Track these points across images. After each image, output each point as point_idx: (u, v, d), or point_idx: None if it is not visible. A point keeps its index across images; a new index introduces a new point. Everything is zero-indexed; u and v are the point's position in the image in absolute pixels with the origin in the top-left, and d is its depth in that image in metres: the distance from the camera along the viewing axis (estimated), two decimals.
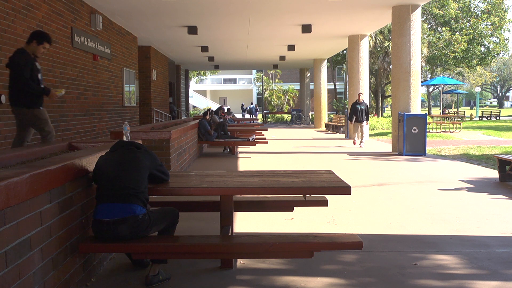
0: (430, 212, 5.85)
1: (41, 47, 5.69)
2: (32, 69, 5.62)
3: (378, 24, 15.76)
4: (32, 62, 5.64)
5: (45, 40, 5.70)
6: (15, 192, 2.46)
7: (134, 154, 3.51)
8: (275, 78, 48.90)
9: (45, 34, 5.77)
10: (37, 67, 5.75)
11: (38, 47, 5.68)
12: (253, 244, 3.45)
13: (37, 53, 5.72)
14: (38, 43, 5.66)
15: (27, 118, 5.83)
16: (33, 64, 5.66)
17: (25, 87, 5.58)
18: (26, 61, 5.58)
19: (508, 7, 34.64)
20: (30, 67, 5.60)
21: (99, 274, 3.78)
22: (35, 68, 5.69)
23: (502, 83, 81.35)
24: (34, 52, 5.72)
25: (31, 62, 5.63)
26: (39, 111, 5.83)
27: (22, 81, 5.56)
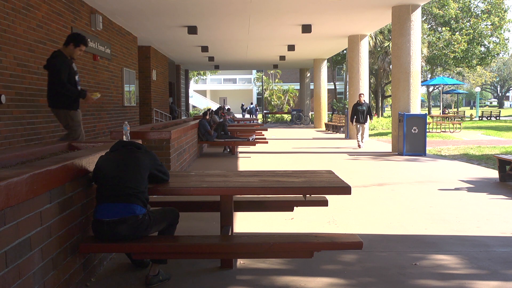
0: (430, 212, 5.85)
1: (78, 49, 5.73)
2: (69, 72, 5.67)
3: (378, 24, 15.76)
4: (69, 64, 5.69)
5: (82, 43, 5.74)
6: (15, 192, 2.46)
7: (134, 154, 3.51)
8: (275, 78, 48.90)
9: (82, 37, 5.81)
10: (74, 69, 5.81)
11: (75, 50, 5.73)
12: (253, 244, 3.45)
13: (74, 55, 5.77)
14: (75, 45, 5.70)
15: (62, 119, 5.90)
16: (70, 67, 5.71)
17: (62, 89, 5.64)
18: (63, 63, 5.64)
19: (508, 7, 34.62)
20: (68, 69, 5.65)
21: (99, 274, 3.78)
22: (72, 71, 5.74)
23: (502, 83, 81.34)
24: (71, 55, 5.77)
25: (68, 65, 5.67)
26: (74, 112, 5.86)
27: (59, 83, 5.62)
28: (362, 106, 14.07)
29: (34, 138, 8.05)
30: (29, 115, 7.89)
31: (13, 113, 7.36)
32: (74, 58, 5.84)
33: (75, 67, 5.85)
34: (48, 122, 8.67)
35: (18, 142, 7.48)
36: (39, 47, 8.24)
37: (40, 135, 8.25)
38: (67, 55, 5.74)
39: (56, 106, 5.79)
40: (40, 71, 8.32)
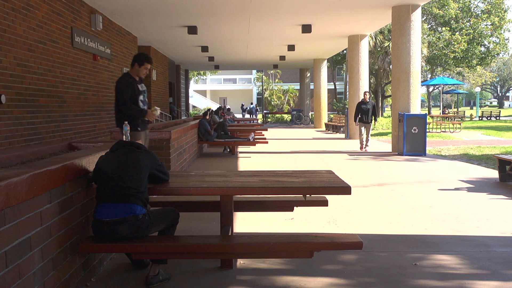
0: (430, 212, 5.85)
1: (143, 68, 5.80)
2: (132, 91, 5.76)
3: (378, 24, 15.76)
4: (133, 84, 5.78)
5: (145, 61, 5.81)
6: (15, 192, 2.46)
7: (134, 154, 3.51)
8: (275, 78, 48.88)
9: (144, 55, 5.89)
10: (140, 89, 5.87)
11: (140, 69, 5.81)
12: (253, 244, 3.45)
13: (140, 74, 5.85)
14: (139, 65, 5.80)
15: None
16: (134, 86, 5.79)
17: (124, 108, 5.73)
18: (126, 83, 5.77)
19: (508, 7, 34.62)
20: (131, 89, 5.75)
21: (99, 274, 3.78)
22: (137, 90, 5.81)
23: (502, 83, 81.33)
24: (138, 74, 5.86)
25: (132, 85, 5.77)
26: (134, 133, 5.76)
27: (121, 102, 5.75)
28: (366, 105, 13.25)
29: (34, 138, 8.05)
30: (29, 115, 7.89)
31: (13, 113, 7.36)
32: (142, 78, 5.93)
33: (141, 87, 5.93)
34: (48, 122, 8.67)
35: (18, 142, 7.48)
36: (39, 47, 8.24)
37: (40, 135, 8.25)
38: (134, 76, 5.85)
39: (118, 125, 5.89)
40: (40, 71, 8.32)
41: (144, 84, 6.08)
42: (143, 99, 5.93)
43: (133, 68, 5.87)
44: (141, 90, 5.92)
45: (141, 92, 5.90)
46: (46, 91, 8.60)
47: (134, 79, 5.86)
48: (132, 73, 5.88)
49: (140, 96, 5.87)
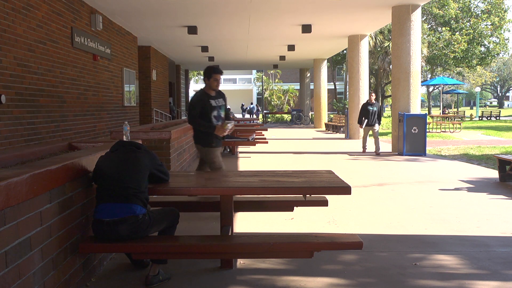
0: (430, 212, 5.85)
1: (213, 80, 5.61)
2: (203, 107, 5.59)
3: (378, 24, 15.76)
4: (203, 100, 5.60)
5: (213, 72, 5.62)
6: (15, 192, 2.46)
7: (134, 154, 3.51)
8: (275, 78, 48.88)
9: (211, 68, 5.67)
10: (213, 104, 5.66)
11: (210, 82, 5.63)
12: (253, 244, 3.45)
13: (213, 87, 5.65)
14: (208, 78, 5.63)
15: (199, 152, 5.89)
16: (206, 102, 5.61)
17: (192, 123, 5.66)
18: (196, 99, 5.64)
19: (508, 7, 34.63)
20: (200, 105, 5.59)
21: (99, 274, 3.78)
22: (208, 106, 5.62)
23: (502, 83, 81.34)
24: (211, 87, 5.67)
25: (202, 101, 5.60)
26: (207, 150, 5.72)
27: (189, 118, 5.68)
28: (372, 106, 12.38)
29: (34, 138, 8.05)
30: (29, 115, 7.89)
31: (13, 113, 7.36)
32: (214, 90, 5.70)
33: (216, 103, 5.70)
34: (48, 122, 8.67)
35: (18, 142, 7.48)
36: (39, 47, 8.24)
37: (40, 135, 8.26)
38: (208, 91, 5.67)
39: (194, 140, 5.84)
40: (40, 71, 8.32)
41: (223, 99, 5.82)
42: (217, 115, 5.68)
43: (206, 83, 5.69)
44: (215, 105, 5.67)
45: (214, 108, 5.66)
46: (46, 91, 8.60)
47: (208, 94, 5.65)
48: (206, 89, 5.69)
49: (213, 112, 5.64)
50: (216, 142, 5.71)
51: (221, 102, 5.78)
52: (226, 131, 5.62)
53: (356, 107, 17.31)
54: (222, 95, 5.85)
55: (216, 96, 5.75)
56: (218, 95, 5.78)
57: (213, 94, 5.71)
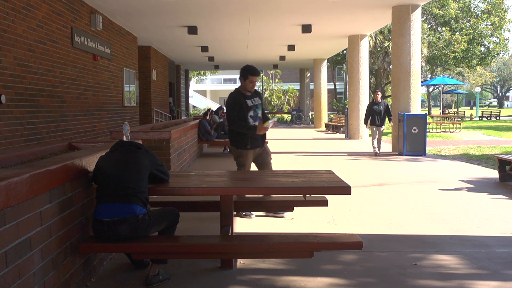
0: (430, 212, 5.85)
1: (248, 81, 5.47)
2: (240, 108, 5.45)
3: (378, 24, 15.76)
4: (240, 100, 5.47)
5: (248, 73, 5.47)
6: (15, 192, 2.46)
7: (134, 154, 3.51)
8: (275, 78, 48.88)
9: (247, 69, 5.51)
10: (250, 104, 5.51)
11: (246, 83, 5.49)
12: (253, 244, 3.45)
13: (248, 88, 5.52)
14: (244, 78, 5.49)
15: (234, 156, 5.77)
16: (242, 103, 5.46)
17: (232, 126, 5.54)
18: (233, 100, 5.52)
19: (508, 7, 34.63)
20: (238, 106, 5.46)
21: (99, 274, 3.78)
22: (245, 106, 5.46)
23: (502, 83, 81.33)
24: (246, 88, 5.54)
25: (238, 101, 5.47)
26: (240, 151, 5.59)
27: (229, 121, 5.57)
28: (378, 106, 11.85)
29: (34, 138, 8.05)
30: (29, 115, 7.89)
31: (13, 113, 7.36)
32: (250, 91, 5.55)
33: (253, 102, 5.54)
34: (48, 122, 8.67)
35: (18, 142, 7.48)
36: (39, 47, 8.24)
37: (40, 135, 8.25)
38: (243, 91, 5.55)
39: (230, 142, 5.74)
40: (40, 71, 8.32)
41: (259, 98, 5.67)
42: (254, 115, 5.53)
43: (241, 84, 5.57)
44: (251, 105, 5.52)
45: (251, 108, 5.51)
46: (46, 91, 8.60)
47: (243, 94, 5.52)
48: (241, 89, 5.56)
49: (250, 112, 5.49)
50: (252, 143, 5.52)
51: (257, 101, 5.62)
52: (266, 129, 5.44)
53: (356, 107, 17.33)
54: (258, 94, 5.69)
55: (252, 95, 5.59)
56: (254, 94, 5.63)
57: (249, 94, 5.56)
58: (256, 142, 5.57)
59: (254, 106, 5.56)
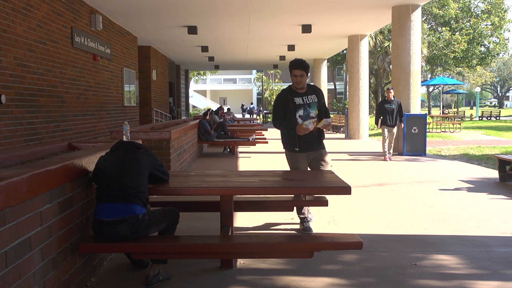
0: (430, 212, 5.85)
1: (293, 76, 4.93)
2: (285, 106, 4.96)
3: (378, 24, 15.76)
4: (286, 98, 4.97)
5: (290, 67, 4.96)
6: (15, 192, 2.46)
7: (134, 154, 3.51)
8: (275, 78, 48.90)
9: (290, 63, 4.99)
10: (298, 102, 4.94)
11: (292, 78, 4.98)
12: (253, 244, 3.45)
13: (294, 84, 4.97)
14: (290, 74, 4.98)
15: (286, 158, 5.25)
16: (288, 101, 4.95)
17: (275, 126, 5.11)
18: (278, 98, 5.05)
19: (508, 7, 34.65)
20: (282, 104, 4.98)
21: (99, 274, 3.78)
22: (291, 105, 4.93)
23: (502, 83, 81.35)
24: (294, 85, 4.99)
25: (284, 99, 4.98)
26: (288, 154, 5.15)
27: (273, 121, 5.14)
28: (391, 104, 10.80)
29: (34, 138, 8.05)
30: (29, 115, 7.89)
31: (13, 113, 7.36)
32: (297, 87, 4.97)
33: (302, 100, 4.95)
34: (48, 122, 8.67)
35: (18, 142, 7.48)
36: (39, 47, 8.24)
37: (40, 135, 8.26)
38: (294, 88, 4.99)
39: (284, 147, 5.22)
40: (40, 71, 8.32)
41: (316, 95, 5.01)
42: (304, 114, 4.92)
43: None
44: (300, 103, 4.94)
45: (299, 106, 4.94)
46: (46, 91, 8.60)
47: (294, 91, 4.97)
48: (292, 85, 5.02)
49: (298, 111, 4.93)
50: (302, 146, 4.96)
51: (311, 99, 4.98)
52: (307, 131, 4.83)
53: (356, 107, 17.33)
54: (315, 91, 5.06)
55: (306, 92, 5.00)
56: (309, 91, 5.02)
57: (302, 91, 4.99)
58: (307, 145, 4.97)
59: (304, 104, 4.95)
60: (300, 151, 4.99)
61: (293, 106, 4.93)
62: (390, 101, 10.85)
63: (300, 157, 5.01)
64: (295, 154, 5.01)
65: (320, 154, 5.11)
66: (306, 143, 4.95)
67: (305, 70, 4.93)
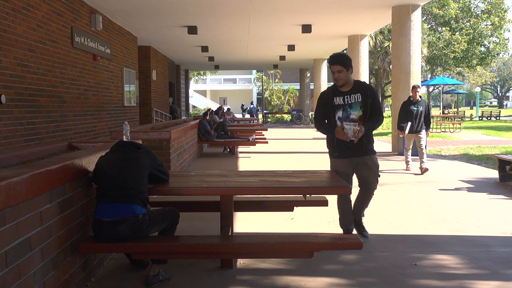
0: (430, 212, 5.85)
1: (331, 72, 4.46)
2: (325, 106, 4.54)
3: (378, 24, 15.76)
4: (326, 98, 4.53)
5: (329, 63, 4.46)
6: (15, 192, 2.46)
7: (134, 154, 3.51)
8: (275, 78, 48.88)
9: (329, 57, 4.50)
10: (336, 102, 4.47)
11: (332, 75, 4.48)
12: (253, 244, 3.45)
13: (334, 81, 4.51)
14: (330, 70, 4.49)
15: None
16: (328, 100, 4.50)
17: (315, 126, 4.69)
18: (320, 97, 4.62)
19: (508, 7, 34.63)
20: (322, 103, 4.56)
21: (99, 274, 3.78)
22: (331, 105, 4.49)
23: (502, 83, 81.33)
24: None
25: (324, 98, 4.55)
26: (331, 160, 4.71)
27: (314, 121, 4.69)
28: (417, 106, 8.84)
29: (34, 138, 8.05)
30: (29, 115, 7.89)
31: (13, 113, 7.36)
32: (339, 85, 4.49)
33: (343, 100, 4.46)
34: (48, 122, 8.67)
35: (18, 142, 7.48)
36: (39, 47, 8.24)
37: (40, 135, 8.26)
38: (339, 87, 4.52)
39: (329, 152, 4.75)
40: (40, 71, 8.32)
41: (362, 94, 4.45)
42: (343, 116, 4.44)
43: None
44: (339, 103, 4.46)
45: (338, 107, 4.46)
46: (46, 91, 8.60)
47: (337, 90, 4.51)
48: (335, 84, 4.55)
49: (337, 112, 4.46)
50: (341, 150, 4.53)
51: (353, 98, 4.45)
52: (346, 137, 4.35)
53: None
54: (361, 89, 4.49)
55: (350, 91, 4.48)
56: (353, 89, 4.49)
57: (345, 89, 4.49)
58: (347, 150, 4.51)
59: (345, 105, 4.46)
60: (340, 156, 4.56)
61: (331, 106, 4.49)
62: (416, 102, 8.87)
63: (340, 163, 4.58)
64: (335, 160, 4.61)
65: (365, 160, 4.60)
66: (345, 147, 4.49)
67: (343, 65, 4.39)
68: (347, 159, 4.57)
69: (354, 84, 4.53)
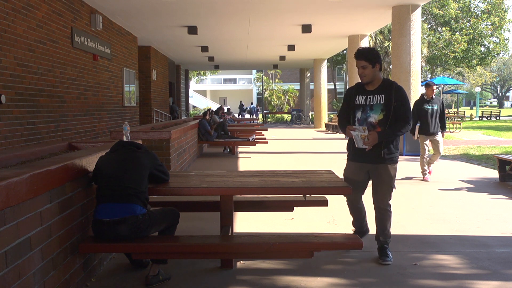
0: (430, 212, 5.85)
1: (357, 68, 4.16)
2: (348, 104, 4.22)
3: (378, 24, 15.75)
4: (350, 95, 4.23)
5: (355, 58, 4.20)
6: (15, 192, 2.46)
7: (134, 154, 3.51)
8: (275, 78, 48.87)
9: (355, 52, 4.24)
10: (357, 101, 4.13)
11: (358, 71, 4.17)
12: (253, 244, 3.45)
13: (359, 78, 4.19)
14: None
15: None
16: (351, 97, 4.19)
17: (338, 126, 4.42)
18: (344, 95, 4.36)
19: (508, 7, 34.63)
20: (345, 100, 4.27)
21: (99, 274, 3.78)
22: (352, 103, 4.16)
23: (502, 83, 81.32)
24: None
25: (348, 96, 4.26)
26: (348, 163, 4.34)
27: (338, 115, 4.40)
28: (431, 104, 7.93)
29: (34, 138, 8.05)
30: (29, 115, 7.89)
31: (13, 113, 7.36)
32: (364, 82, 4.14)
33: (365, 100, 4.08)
34: (48, 122, 8.67)
35: (18, 142, 7.48)
36: (39, 47, 8.24)
37: (40, 135, 8.25)
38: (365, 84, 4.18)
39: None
40: (40, 71, 8.32)
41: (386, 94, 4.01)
42: (362, 117, 4.07)
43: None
44: (360, 103, 4.10)
45: (358, 107, 4.11)
46: (46, 91, 8.60)
47: (361, 88, 4.18)
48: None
49: (357, 112, 4.10)
50: (354, 154, 4.19)
51: (376, 99, 4.04)
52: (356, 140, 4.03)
53: None
54: (387, 89, 4.04)
55: (375, 90, 4.08)
56: (378, 89, 4.07)
57: (370, 88, 4.11)
58: (359, 154, 4.13)
59: (366, 105, 4.08)
60: (352, 159, 4.21)
61: (353, 105, 4.14)
62: (430, 101, 7.95)
63: (352, 166, 4.23)
64: (348, 162, 4.29)
65: (379, 170, 4.12)
66: (358, 151, 4.10)
67: (368, 61, 4.01)
68: (359, 164, 4.17)
69: (382, 83, 4.10)
